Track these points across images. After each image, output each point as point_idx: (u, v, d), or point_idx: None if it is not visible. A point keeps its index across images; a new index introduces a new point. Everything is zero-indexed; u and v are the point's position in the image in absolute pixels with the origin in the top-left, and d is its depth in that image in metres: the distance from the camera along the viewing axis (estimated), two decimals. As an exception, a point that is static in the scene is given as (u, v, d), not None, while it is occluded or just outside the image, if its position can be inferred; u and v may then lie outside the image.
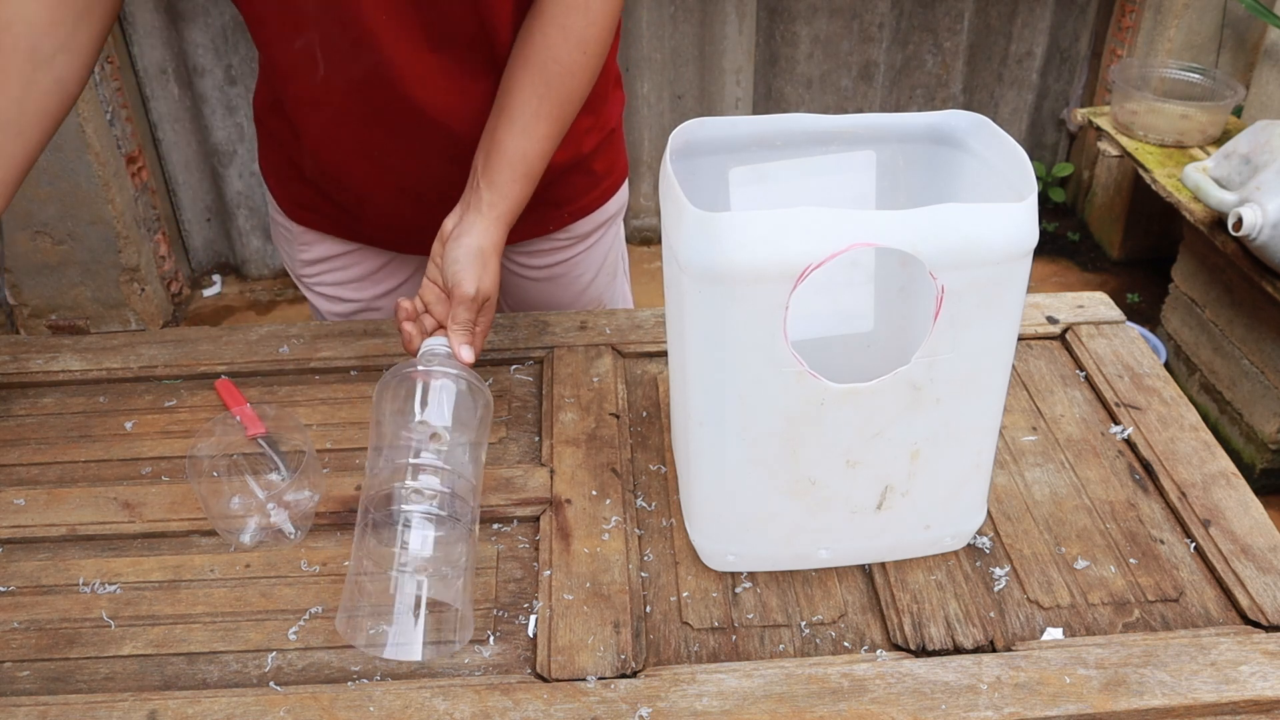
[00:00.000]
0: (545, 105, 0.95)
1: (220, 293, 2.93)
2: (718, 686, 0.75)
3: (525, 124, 0.95)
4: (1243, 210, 1.86)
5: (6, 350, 1.11)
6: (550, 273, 1.23)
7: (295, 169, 1.12)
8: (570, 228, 1.20)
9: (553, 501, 0.90)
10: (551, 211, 1.16)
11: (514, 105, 0.95)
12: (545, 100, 0.95)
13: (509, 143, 0.94)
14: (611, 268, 1.30)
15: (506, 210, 0.95)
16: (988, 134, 0.79)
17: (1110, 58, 2.93)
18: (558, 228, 1.19)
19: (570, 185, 1.15)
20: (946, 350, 0.72)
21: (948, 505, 0.82)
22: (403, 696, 0.74)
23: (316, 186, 1.12)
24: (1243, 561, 0.84)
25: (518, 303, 1.28)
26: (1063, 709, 0.73)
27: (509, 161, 0.94)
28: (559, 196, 1.15)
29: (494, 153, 0.95)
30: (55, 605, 0.83)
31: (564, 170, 1.12)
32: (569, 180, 1.15)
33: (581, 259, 1.24)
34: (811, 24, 2.84)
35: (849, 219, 0.67)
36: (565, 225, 1.19)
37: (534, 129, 0.95)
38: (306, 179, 1.12)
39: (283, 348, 1.10)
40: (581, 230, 1.21)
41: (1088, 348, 1.08)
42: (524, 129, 0.95)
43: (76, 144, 2.38)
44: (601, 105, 1.13)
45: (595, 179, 1.18)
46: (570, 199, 1.17)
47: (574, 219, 1.19)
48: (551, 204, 1.15)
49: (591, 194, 1.19)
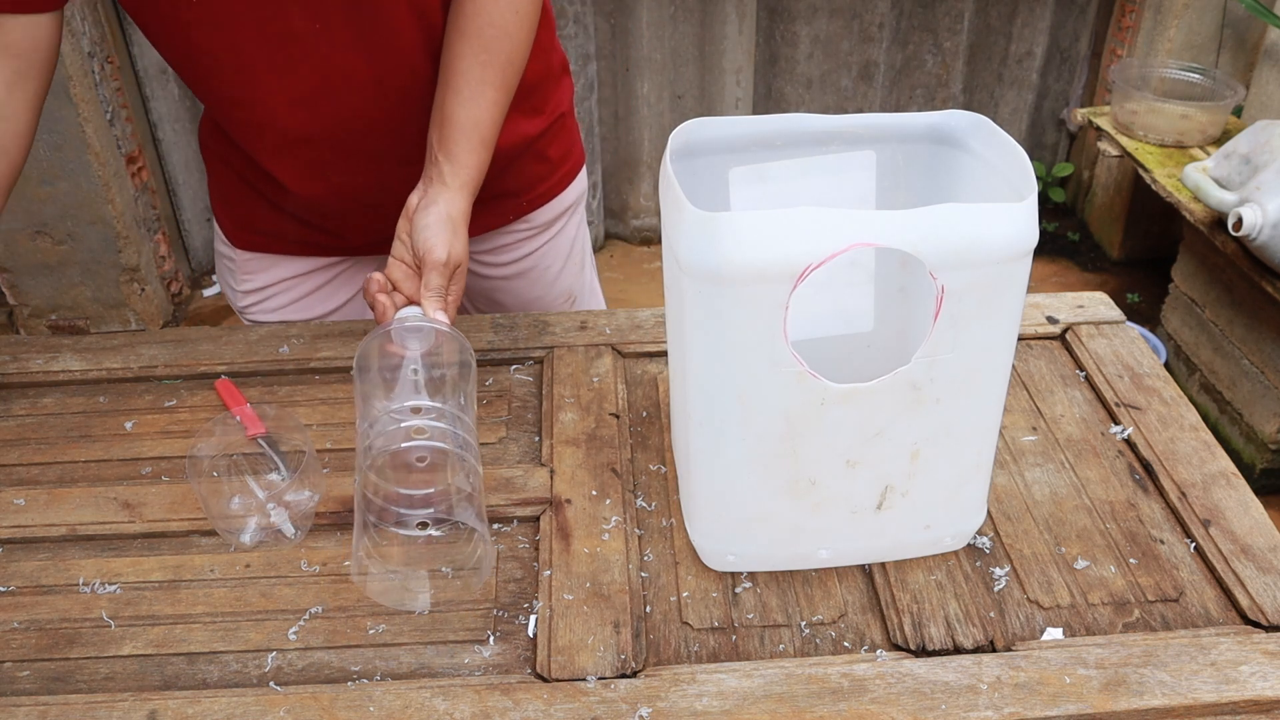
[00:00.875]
0: (489, 71, 0.96)
1: (220, 293, 2.93)
2: (718, 686, 0.75)
3: (472, 91, 0.96)
4: (1243, 210, 1.86)
5: (6, 350, 1.11)
6: (518, 268, 1.24)
7: (247, 187, 1.13)
8: (530, 217, 1.20)
9: (553, 501, 0.90)
10: (509, 201, 1.17)
11: (458, 75, 0.96)
12: (488, 67, 0.96)
13: (460, 113, 0.95)
14: (579, 258, 1.30)
15: (469, 179, 0.96)
16: (988, 134, 0.79)
17: (1110, 58, 2.93)
18: (516, 217, 1.19)
19: (524, 172, 1.16)
20: (946, 350, 0.72)
21: (948, 505, 0.82)
22: (403, 696, 0.74)
23: (271, 202, 1.13)
24: (1243, 561, 0.84)
25: (491, 305, 1.28)
26: (1063, 709, 0.73)
27: (463, 131, 0.95)
28: (514, 185, 1.16)
29: (446, 125, 0.95)
30: (55, 605, 0.83)
31: (514, 156, 1.13)
32: (521, 167, 1.15)
33: (547, 250, 1.25)
34: (811, 24, 2.84)
35: (849, 219, 0.67)
36: (524, 214, 1.20)
37: (481, 95, 0.96)
38: (259, 195, 1.13)
39: (283, 348, 1.10)
40: (542, 220, 1.22)
41: (1088, 348, 1.08)
42: (471, 96, 0.96)
43: (76, 144, 2.38)
44: (552, 89, 1.14)
45: (550, 165, 1.19)
46: (526, 187, 1.18)
47: (532, 207, 1.20)
48: (508, 194, 1.16)
49: (548, 181, 1.20)
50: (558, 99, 1.16)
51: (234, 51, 0.95)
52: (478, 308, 1.30)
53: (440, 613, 0.81)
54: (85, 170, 2.42)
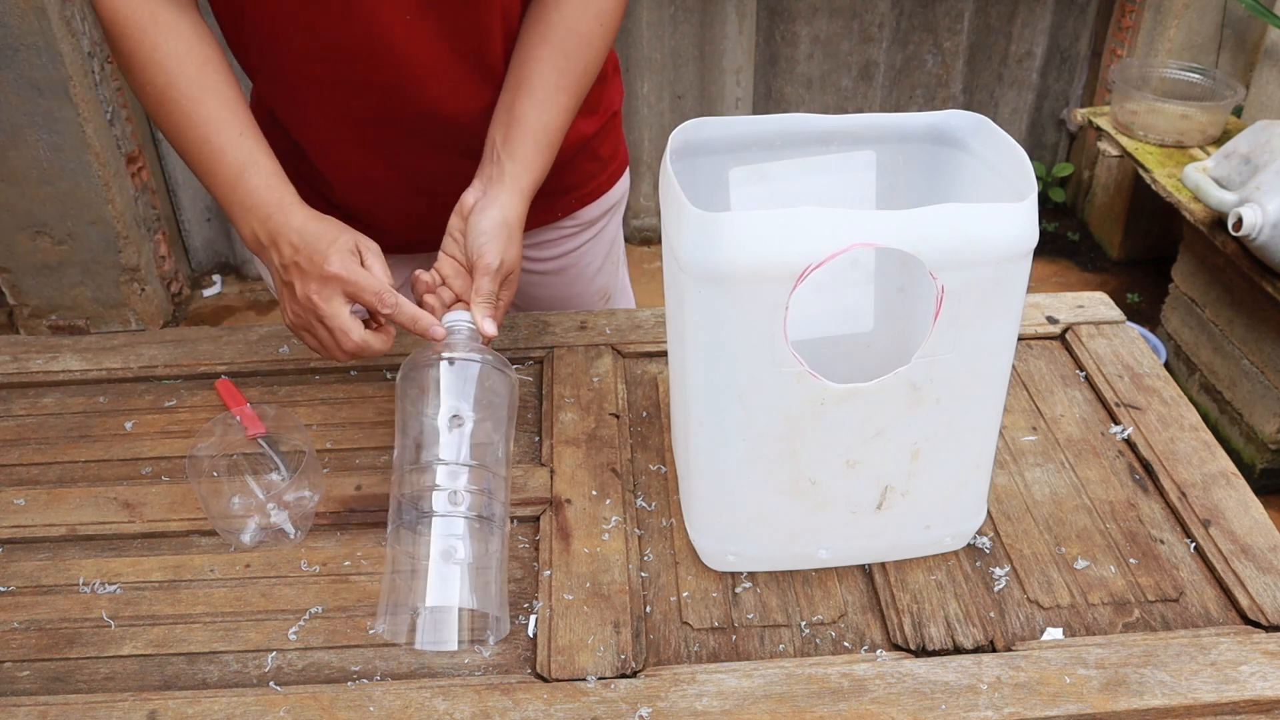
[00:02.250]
0: (565, 78, 0.95)
1: (220, 293, 2.93)
2: (718, 686, 0.75)
3: (545, 95, 0.94)
4: (1243, 210, 1.86)
5: (6, 350, 1.11)
6: (559, 264, 1.23)
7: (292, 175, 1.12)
8: (578, 214, 1.20)
9: (553, 501, 0.90)
10: (560, 199, 1.16)
11: (532, 77, 0.94)
12: (565, 73, 0.95)
13: (530, 115, 0.94)
14: (615, 257, 1.30)
15: (529, 183, 0.94)
16: (988, 134, 0.79)
17: (1110, 58, 2.93)
18: (565, 214, 1.19)
19: (578, 170, 1.16)
20: (946, 350, 0.72)
21: (948, 505, 0.82)
22: (403, 696, 0.74)
23: (319, 192, 1.12)
24: (1243, 561, 0.84)
25: (528, 300, 1.28)
26: (1063, 709, 0.73)
27: (531, 133, 0.94)
28: (568, 182, 1.16)
29: (514, 125, 0.94)
30: (55, 605, 0.83)
31: (571, 155, 1.12)
32: (576, 165, 1.15)
33: (589, 248, 1.24)
34: (811, 24, 2.85)
35: (849, 219, 0.67)
36: (573, 211, 1.19)
37: (554, 101, 0.95)
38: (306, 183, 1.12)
39: (283, 348, 1.10)
40: (588, 217, 1.21)
41: (1088, 348, 1.08)
42: (544, 100, 0.94)
43: (76, 144, 2.38)
44: (604, 89, 1.14)
45: (601, 164, 1.19)
46: (578, 184, 1.17)
47: (581, 204, 1.19)
48: (560, 190, 1.15)
49: (598, 179, 1.19)
50: (610, 98, 1.16)
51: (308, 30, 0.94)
52: (517, 303, 1.29)
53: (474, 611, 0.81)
54: (85, 170, 2.42)
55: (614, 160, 1.21)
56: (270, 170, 0.90)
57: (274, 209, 0.88)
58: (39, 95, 2.31)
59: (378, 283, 0.86)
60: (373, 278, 0.87)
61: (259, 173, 0.90)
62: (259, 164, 0.90)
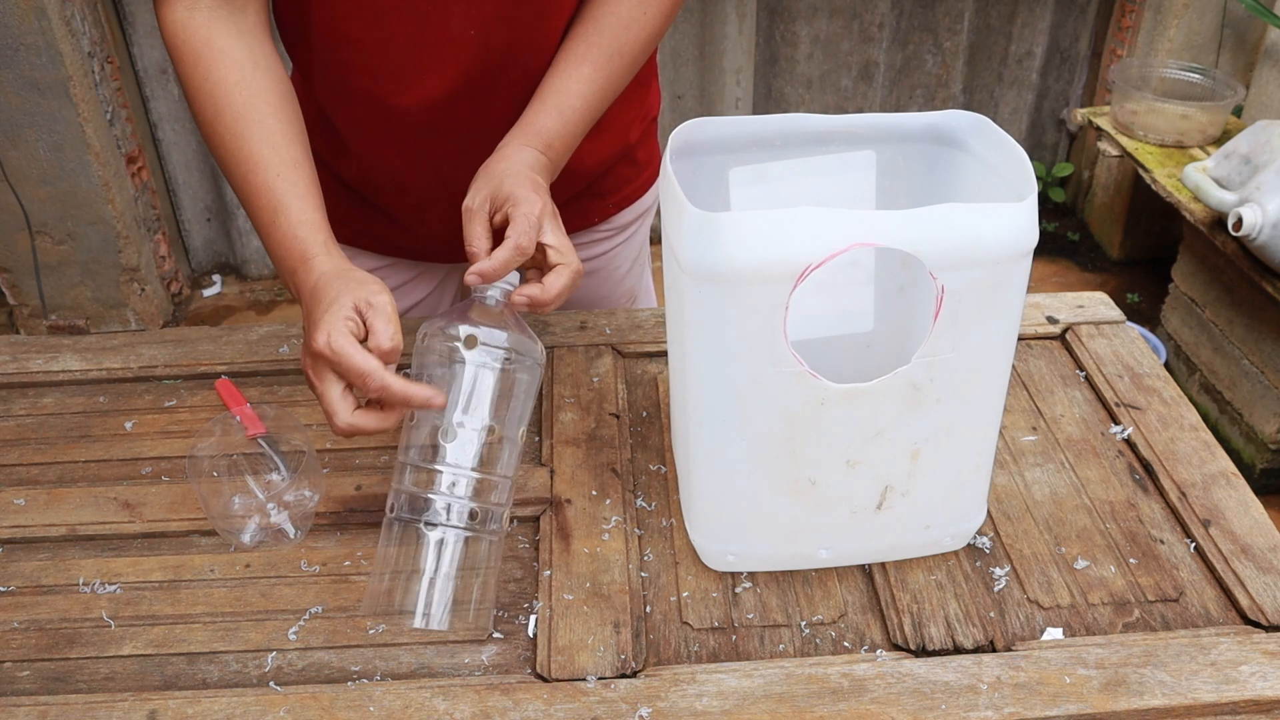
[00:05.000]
0: (591, 51, 0.95)
1: (220, 293, 2.93)
2: (718, 686, 0.75)
3: (567, 63, 0.95)
4: (1243, 210, 1.86)
5: (6, 350, 1.11)
6: (591, 266, 1.23)
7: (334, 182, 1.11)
8: (613, 219, 1.20)
9: (553, 501, 0.90)
10: (597, 203, 1.17)
11: (562, 49, 0.96)
12: (592, 46, 0.95)
13: (546, 81, 0.95)
14: (643, 260, 1.31)
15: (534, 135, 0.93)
16: (988, 134, 0.79)
17: (1110, 58, 2.93)
18: (602, 219, 1.19)
19: (616, 175, 1.16)
20: (946, 350, 0.72)
21: (948, 505, 0.82)
22: (403, 696, 0.74)
23: (360, 197, 1.11)
24: (1243, 561, 0.84)
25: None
26: (1063, 709, 0.73)
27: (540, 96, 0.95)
28: (606, 187, 1.16)
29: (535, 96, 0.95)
30: (55, 605, 0.83)
31: (615, 161, 1.13)
32: (616, 171, 1.16)
33: (620, 251, 1.25)
34: (811, 24, 2.85)
35: (849, 219, 0.67)
36: (609, 216, 1.20)
37: (575, 70, 0.95)
38: (347, 189, 1.11)
39: (283, 348, 1.10)
40: (622, 221, 1.22)
41: (1088, 348, 1.08)
42: (564, 68, 0.95)
43: (76, 144, 2.38)
44: (645, 94, 1.14)
45: (638, 169, 1.19)
46: (615, 189, 1.18)
47: (618, 209, 1.20)
48: (598, 195, 1.16)
49: (634, 183, 1.20)
50: (650, 103, 1.17)
51: (384, 44, 0.93)
52: None
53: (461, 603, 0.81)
54: (85, 170, 2.42)
55: (649, 165, 1.21)
56: (298, 218, 0.86)
57: (297, 263, 0.85)
58: (39, 95, 2.31)
59: (364, 363, 0.76)
60: (359, 356, 0.76)
61: (288, 220, 0.86)
62: (289, 209, 0.86)
